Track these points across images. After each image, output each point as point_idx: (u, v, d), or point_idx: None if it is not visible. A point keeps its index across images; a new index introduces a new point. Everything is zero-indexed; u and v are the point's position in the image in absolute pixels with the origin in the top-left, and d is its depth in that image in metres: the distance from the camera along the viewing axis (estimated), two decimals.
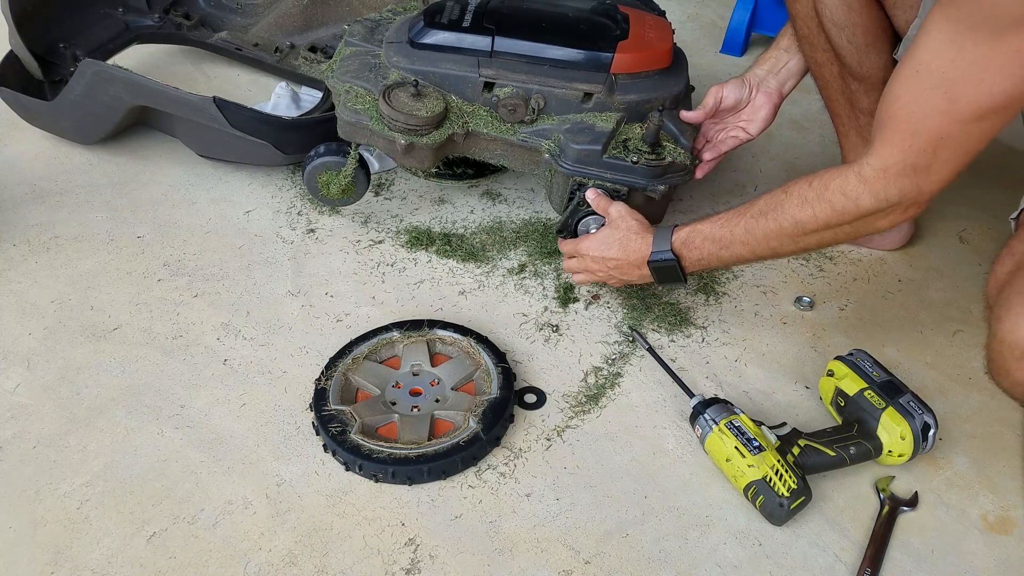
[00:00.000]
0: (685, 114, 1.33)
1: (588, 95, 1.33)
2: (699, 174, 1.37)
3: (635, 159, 1.30)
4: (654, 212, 1.44)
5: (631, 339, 1.32)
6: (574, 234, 1.36)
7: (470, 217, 1.55)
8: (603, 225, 1.31)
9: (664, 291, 1.41)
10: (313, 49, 1.81)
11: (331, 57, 1.79)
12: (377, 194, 1.58)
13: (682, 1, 2.24)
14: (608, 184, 1.33)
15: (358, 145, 1.38)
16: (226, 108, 1.46)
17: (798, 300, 1.40)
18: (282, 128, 1.51)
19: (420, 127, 1.29)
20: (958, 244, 1.53)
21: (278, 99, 1.72)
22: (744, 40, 2.05)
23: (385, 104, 1.28)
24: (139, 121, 1.63)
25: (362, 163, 1.43)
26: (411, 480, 1.11)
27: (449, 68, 1.33)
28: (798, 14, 1.30)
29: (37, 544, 1.04)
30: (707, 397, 1.18)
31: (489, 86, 1.33)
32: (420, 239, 1.48)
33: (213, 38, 1.83)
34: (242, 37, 1.82)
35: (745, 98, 1.37)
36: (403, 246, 1.48)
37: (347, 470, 1.13)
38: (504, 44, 1.31)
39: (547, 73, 1.32)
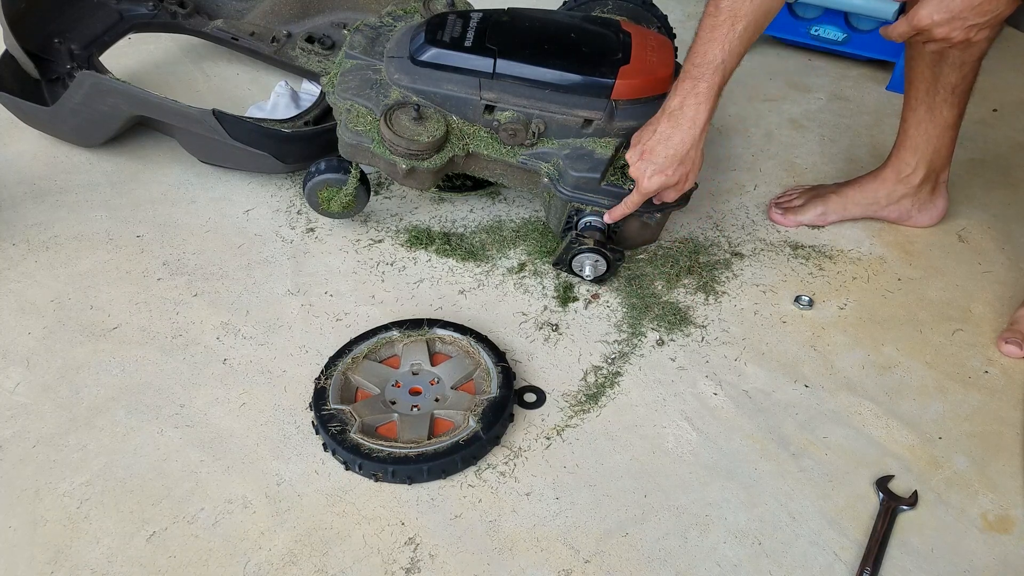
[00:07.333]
0: None
1: (588, 121, 1.33)
2: None
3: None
4: (649, 236, 1.45)
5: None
6: (569, 268, 1.37)
7: (469, 216, 1.55)
8: (598, 261, 1.34)
9: (664, 290, 1.41)
10: (310, 40, 1.80)
11: (328, 48, 1.79)
12: (376, 193, 1.58)
13: (682, 0, 2.24)
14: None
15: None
16: (226, 120, 1.45)
17: (797, 299, 1.40)
18: (282, 140, 1.51)
19: (421, 152, 1.29)
20: (957, 243, 1.53)
21: (278, 98, 1.72)
22: None
23: (387, 128, 1.28)
24: (140, 123, 1.62)
25: (363, 179, 1.43)
26: (411, 479, 1.11)
27: (451, 89, 1.32)
28: None
29: (37, 543, 1.04)
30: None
31: (490, 109, 1.33)
32: (420, 238, 1.48)
33: (209, 27, 1.82)
34: (238, 25, 1.81)
35: None
36: (403, 245, 1.48)
37: (347, 469, 1.13)
38: (505, 67, 1.31)
39: (548, 98, 1.32)
